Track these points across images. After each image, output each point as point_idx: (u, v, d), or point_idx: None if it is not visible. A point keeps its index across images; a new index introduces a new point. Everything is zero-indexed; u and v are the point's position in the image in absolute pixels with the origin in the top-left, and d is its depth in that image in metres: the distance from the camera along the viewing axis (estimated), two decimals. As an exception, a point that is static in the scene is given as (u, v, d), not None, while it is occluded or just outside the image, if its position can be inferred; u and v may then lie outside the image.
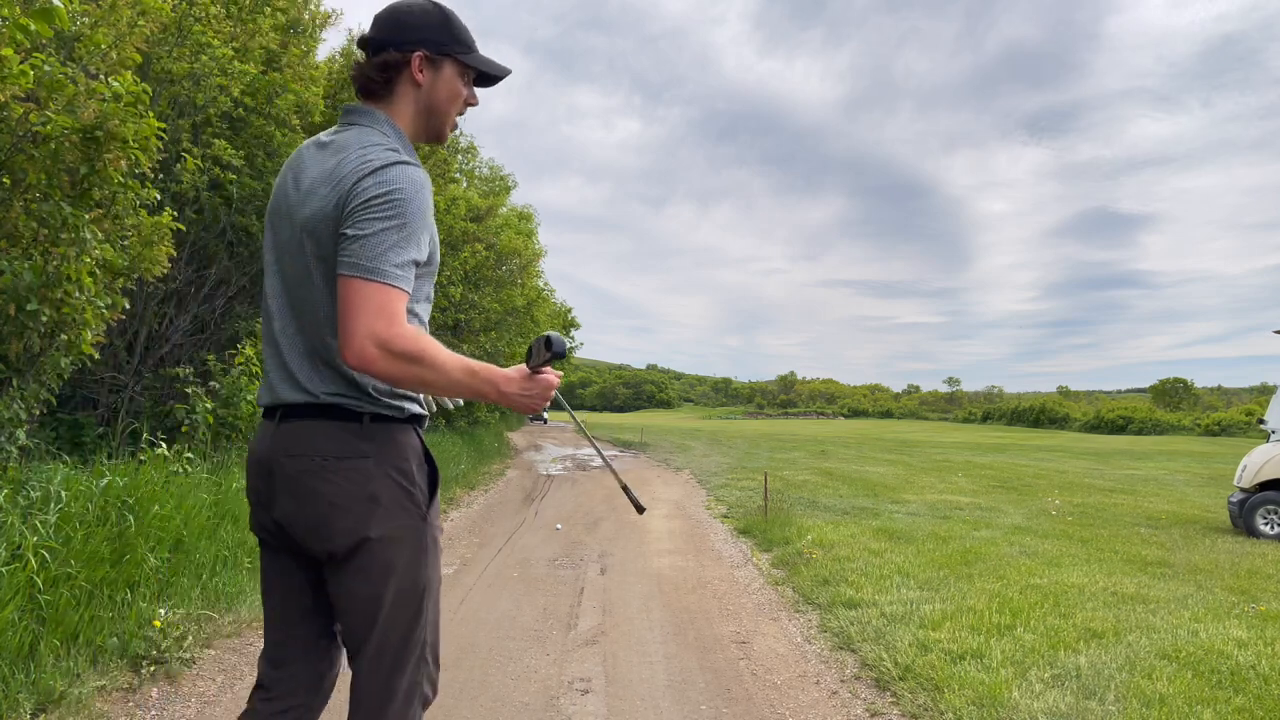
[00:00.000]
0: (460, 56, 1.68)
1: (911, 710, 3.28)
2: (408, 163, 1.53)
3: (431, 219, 1.58)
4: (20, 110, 3.80)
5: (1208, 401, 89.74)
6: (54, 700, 2.92)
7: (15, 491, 3.65)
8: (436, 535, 1.69)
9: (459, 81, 1.70)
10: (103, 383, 6.77)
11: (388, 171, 1.50)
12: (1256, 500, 8.79)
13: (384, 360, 1.42)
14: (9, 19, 3.38)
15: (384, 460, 1.58)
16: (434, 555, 1.67)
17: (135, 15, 4.97)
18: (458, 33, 1.67)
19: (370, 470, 1.57)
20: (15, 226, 3.86)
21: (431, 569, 1.66)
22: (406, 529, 1.60)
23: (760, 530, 7.61)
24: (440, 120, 1.71)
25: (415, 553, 1.62)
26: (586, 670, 3.76)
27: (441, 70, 1.67)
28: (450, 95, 1.69)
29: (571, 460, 17.67)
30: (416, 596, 1.63)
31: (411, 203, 1.50)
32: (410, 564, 1.61)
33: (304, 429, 1.59)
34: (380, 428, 1.60)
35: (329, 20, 9.63)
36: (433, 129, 1.73)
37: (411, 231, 1.50)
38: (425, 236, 1.54)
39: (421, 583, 1.63)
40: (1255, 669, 3.73)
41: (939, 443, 34.13)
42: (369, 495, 1.56)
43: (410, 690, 1.64)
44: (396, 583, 1.60)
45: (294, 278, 1.60)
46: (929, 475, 15.71)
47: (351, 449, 1.57)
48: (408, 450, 1.62)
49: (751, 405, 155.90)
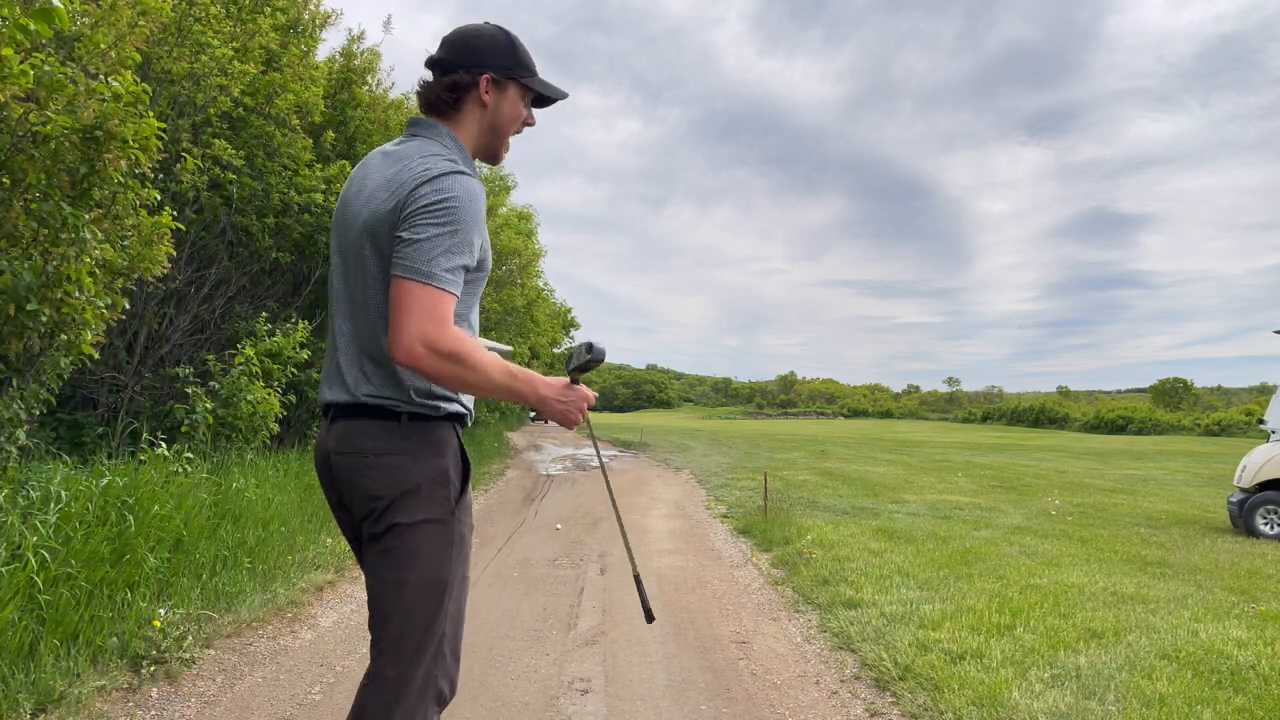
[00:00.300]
0: (523, 80, 1.80)
1: (911, 710, 3.28)
2: (464, 173, 1.65)
3: (484, 226, 1.69)
4: (20, 110, 3.80)
5: (1208, 401, 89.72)
6: (54, 700, 2.92)
7: (15, 491, 3.66)
8: (465, 533, 1.76)
9: (520, 103, 1.82)
10: (103, 383, 6.77)
11: (444, 180, 1.61)
12: (1256, 500, 8.79)
13: (430, 359, 1.52)
14: (9, 19, 3.38)
15: (420, 456, 1.69)
16: (460, 551, 1.74)
17: (135, 15, 4.97)
18: (522, 57, 1.80)
19: (407, 465, 1.67)
20: (15, 226, 3.86)
21: (456, 564, 1.73)
22: (435, 521, 1.69)
23: (760, 530, 7.61)
24: (499, 138, 1.83)
25: (442, 545, 1.70)
26: (586, 670, 3.76)
27: (506, 92, 1.80)
28: (512, 116, 1.82)
29: (571, 460, 17.67)
30: (439, 588, 1.69)
31: (464, 210, 1.60)
32: (435, 555, 1.69)
33: (350, 428, 1.71)
34: (417, 426, 1.70)
35: (329, 20, 9.63)
36: (491, 147, 1.85)
37: (463, 238, 1.60)
38: (476, 243, 1.65)
39: (444, 575, 1.70)
40: (1255, 669, 3.73)
41: (939, 443, 34.14)
42: (405, 488, 1.67)
43: (426, 681, 1.69)
44: (420, 571, 1.67)
45: (354, 278, 1.71)
46: (929, 475, 15.71)
47: (391, 446, 1.68)
48: (444, 447, 1.72)
49: (751, 405, 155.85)
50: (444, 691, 1.75)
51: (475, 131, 1.80)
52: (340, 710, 3.19)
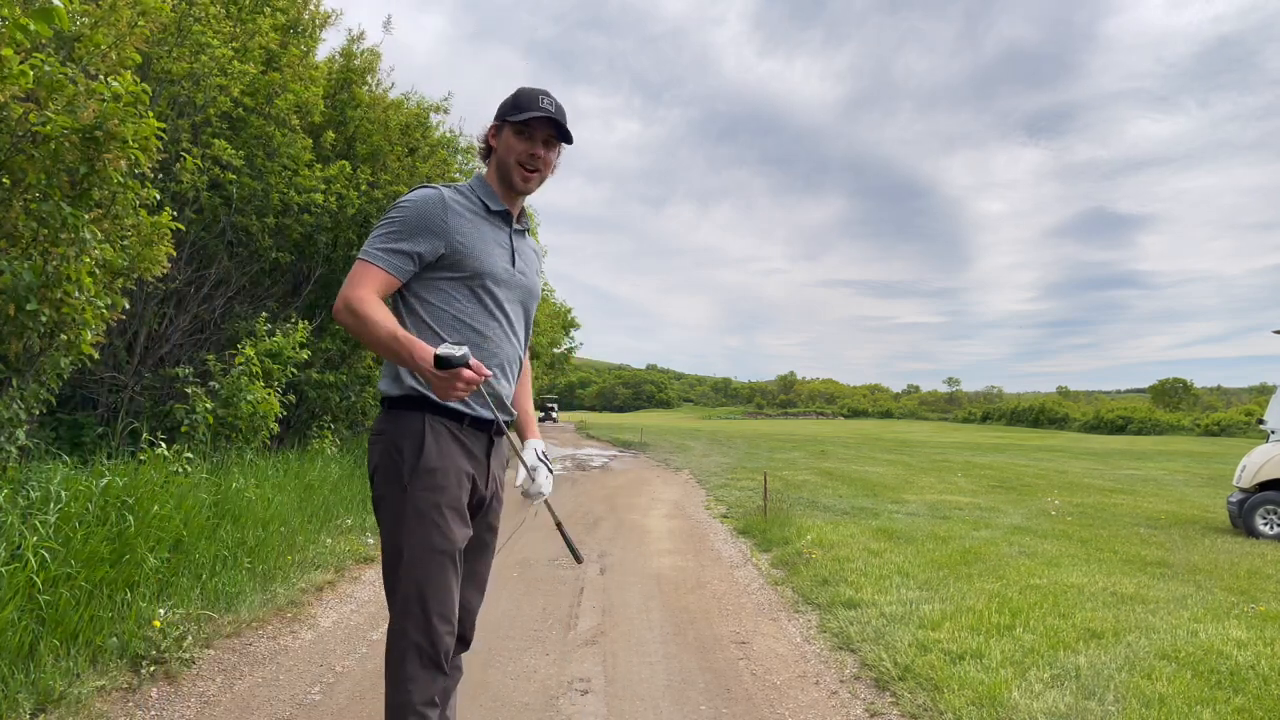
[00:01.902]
0: (508, 119, 2.13)
1: (911, 710, 3.28)
2: (428, 186, 2.09)
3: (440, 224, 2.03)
4: (20, 110, 3.80)
5: (1207, 401, 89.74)
6: (54, 700, 2.92)
7: (15, 491, 3.65)
8: (421, 506, 1.99)
9: (513, 140, 2.13)
10: (102, 383, 6.76)
11: (406, 194, 2.08)
12: (1256, 500, 8.79)
13: (342, 314, 1.92)
14: (9, 19, 3.38)
15: (391, 437, 2.03)
16: (416, 523, 1.99)
17: (135, 15, 4.97)
18: (518, 103, 2.12)
19: (383, 445, 2.04)
20: (15, 226, 3.85)
21: (410, 533, 1.99)
22: (388, 496, 2.02)
23: (760, 530, 7.61)
24: (507, 169, 2.15)
25: (394, 518, 2.01)
26: (586, 670, 3.76)
27: (503, 134, 2.16)
28: (506, 150, 2.15)
29: (571, 460, 17.67)
30: (395, 555, 2.01)
31: (408, 207, 2.03)
32: (390, 527, 2.02)
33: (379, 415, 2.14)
34: (396, 412, 2.06)
35: (329, 20, 9.63)
36: (504, 178, 2.18)
37: (401, 225, 2.01)
38: (421, 229, 2.02)
39: (399, 543, 2.00)
40: (1255, 669, 3.73)
41: (939, 443, 34.13)
42: (374, 464, 2.06)
43: (400, 634, 1.99)
44: (384, 539, 2.05)
45: None
46: (929, 475, 15.71)
47: (379, 428, 2.08)
48: (406, 430, 2.03)
49: (751, 405, 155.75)
50: (425, 648, 1.98)
51: (494, 168, 2.19)
52: (340, 710, 3.19)
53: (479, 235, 2.09)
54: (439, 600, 2.00)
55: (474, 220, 2.09)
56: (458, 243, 2.04)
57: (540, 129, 2.12)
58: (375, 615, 4.50)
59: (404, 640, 1.98)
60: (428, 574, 1.99)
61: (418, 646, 1.98)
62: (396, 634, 2.00)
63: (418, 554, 1.98)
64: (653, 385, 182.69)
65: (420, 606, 1.98)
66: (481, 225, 2.11)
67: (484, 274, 2.08)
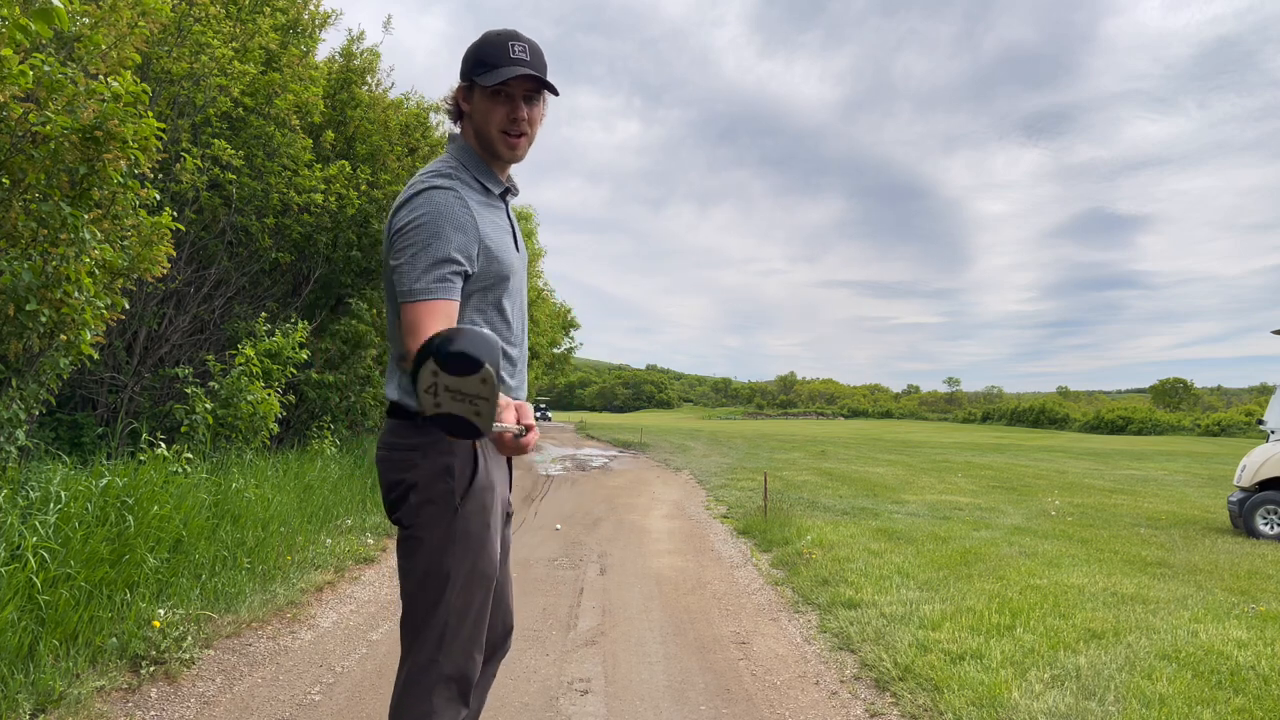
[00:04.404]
0: (477, 79, 1.81)
1: (911, 710, 3.28)
2: (435, 186, 1.74)
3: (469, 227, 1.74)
4: (20, 110, 3.80)
5: (1207, 401, 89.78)
6: (53, 700, 2.92)
7: (15, 491, 3.65)
8: (475, 529, 1.81)
9: (488, 103, 1.83)
10: (102, 383, 6.76)
11: (414, 200, 1.74)
12: (1256, 500, 8.79)
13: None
14: (9, 19, 3.38)
15: (429, 453, 1.78)
16: (465, 546, 1.80)
17: (135, 15, 4.97)
18: (483, 57, 1.81)
19: (416, 461, 1.79)
20: (15, 226, 3.85)
21: (458, 559, 1.79)
22: (436, 517, 1.78)
23: (760, 530, 7.61)
24: (489, 139, 1.86)
25: (443, 540, 1.79)
26: (586, 671, 3.75)
27: (474, 97, 1.85)
28: (483, 117, 1.84)
29: (571, 460, 17.67)
30: (439, 580, 1.79)
31: (431, 223, 1.70)
32: (436, 549, 1.79)
33: (387, 425, 1.89)
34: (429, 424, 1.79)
35: (329, 20, 9.62)
36: (487, 148, 1.89)
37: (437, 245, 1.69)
38: (457, 240, 1.71)
39: (445, 568, 1.79)
40: (1255, 669, 3.73)
41: (939, 443, 34.14)
42: (410, 483, 1.79)
43: (428, 667, 1.79)
44: (423, 563, 1.80)
45: (386, 292, 1.88)
46: (929, 476, 15.71)
47: (405, 442, 1.81)
48: (453, 446, 1.79)
49: (751, 405, 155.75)
50: (457, 681, 1.81)
51: (472, 136, 1.89)
52: (340, 710, 3.19)
53: (496, 228, 1.84)
54: (479, 630, 1.85)
55: (484, 213, 1.82)
56: (486, 246, 1.80)
57: (519, 86, 1.82)
58: (375, 615, 4.50)
59: (433, 673, 1.79)
60: (472, 602, 1.82)
61: (449, 680, 1.80)
62: (424, 667, 1.79)
63: (466, 580, 1.81)
64: (653, 385, 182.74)
65: (460, 637, 1.81)
66: (491, 214, 1.85)
67: (507, 277, 1.87)
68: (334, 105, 9.72)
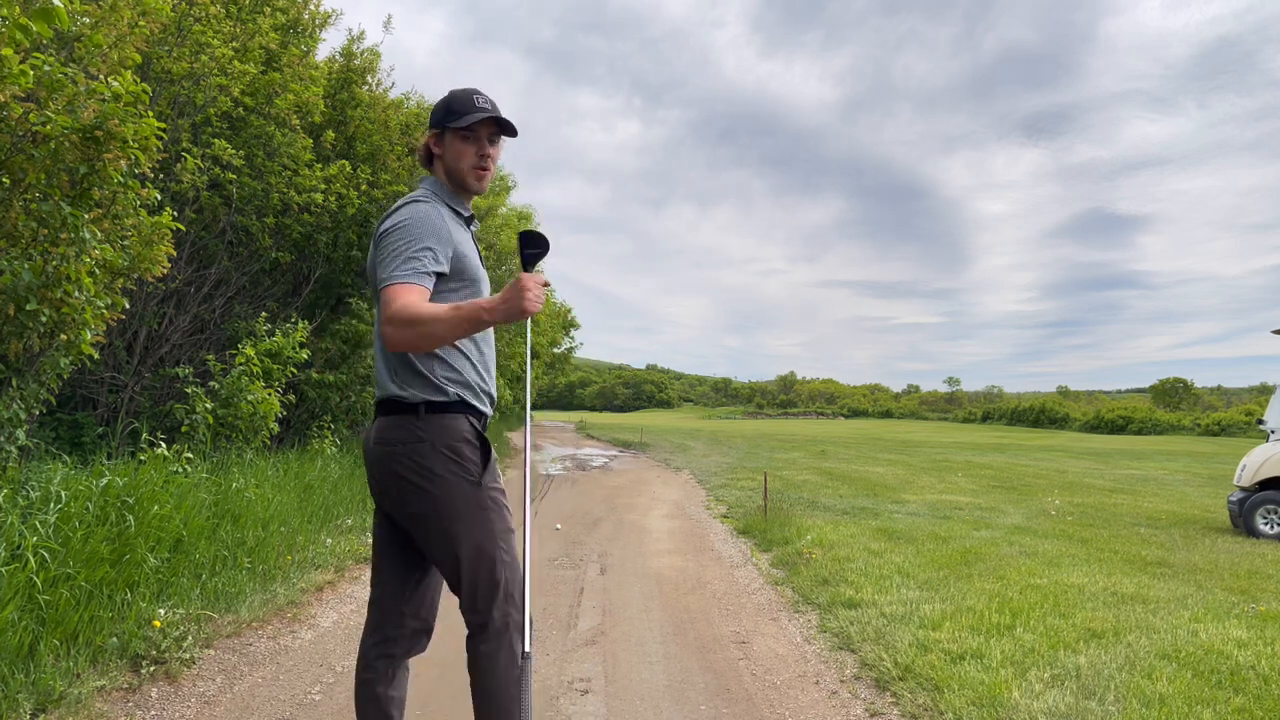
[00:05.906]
0: (449, 125, 2.12)
1: (911, 710, 3.28)
2: (418, 200, 2.05)
3: (447, 237, 2.01)
4: (20, 110, 3.80)
5: (1207, 401, 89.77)
6: (54, 700, 2.92)
7: (15, 491, 3.65)
8: (495, 496, 2.09)
9: (463, 145, 2.14)
10: (102, 383, 6.76)
11: (397, 211, 2.03)
12: (1256, 499, 8.79)
13: (396, 333, 1.82)
14: (9, 19, 3.38)
15: (438, 442, 2.02)
16: (495, 510, 2.08)
17: (135, 15, 4.97)
18: (454, 106, 2.12)
19: (427, 451, 2.01)
20: (15, 226, 3.85)
21: (494, 521, 2.07)
22: (463, 495, 2.02)
23: (760, 530, 7.61)
24: (460, 174, 2.16)
25: (475, 510, 2.04)
26: (586, 670, 3.75)
27: (446, 141, 2.15)
28: (455, 156, 2.15)
29: (572, 460, 17.67)
30: (490, 543, 2.04)
31: (412, 225, 1.97)
32: (474, 520, 2.03)
33: (384, 422, 2.07)
34: (434, 416, 2.03)
35: (329, 20, 9.62)
36: (457, 182, 2.18)
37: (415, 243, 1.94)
38: (434, 243, 1.97)
39: (488, 531, 2.04)
40: (1255, 669, 3.73)
41: (939, 443, 34.15)
42: (428, 471, 2.01)
43: (504, 621, 2.04)
44: (468, 538, 2.03)
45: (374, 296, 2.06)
46: (929, 475, 15.71)
47: (412, 435, 2.02)
48: (458, 433, 2.04)
49: (751, 405, 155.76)
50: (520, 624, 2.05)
51: (443, 174, 2.18)
52: (340, 710, 3.19)
53: (466, 243, 2.12)
54: (514, 580, 2.08)
55: (456, 229, 2.10)
56: (460, 253, 2.07)
57: (484, 129, 2.15)
58: (375, 615, 4.50)
59: (509, 628, 2.04)
60: (513, 554, 2.09)
61: (519, 625, 2.05)
62: (500, 628, 2.03)
63: (500, 541, 2.06)
64: (653, 385, 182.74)
65: (516, 589, 2.07)
66: (461, 232, 2.13)
67: (478, 279, 2.13)
68: (334, 105, 9.72)
